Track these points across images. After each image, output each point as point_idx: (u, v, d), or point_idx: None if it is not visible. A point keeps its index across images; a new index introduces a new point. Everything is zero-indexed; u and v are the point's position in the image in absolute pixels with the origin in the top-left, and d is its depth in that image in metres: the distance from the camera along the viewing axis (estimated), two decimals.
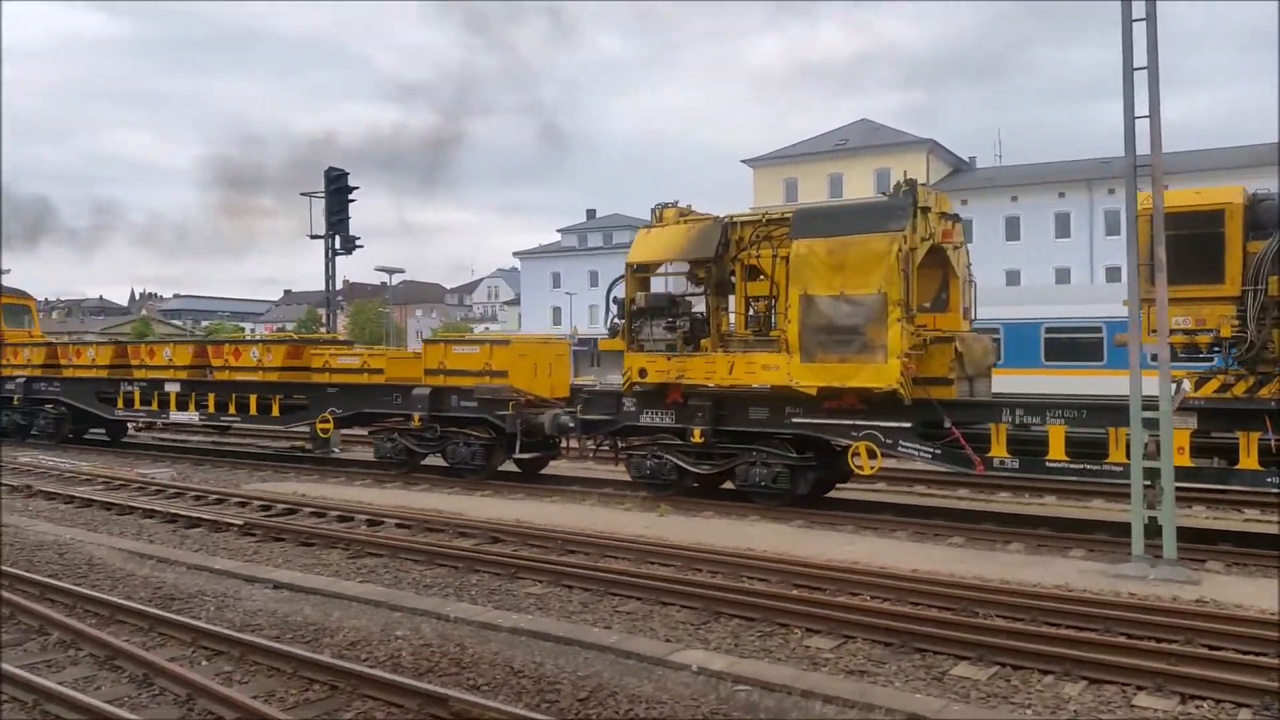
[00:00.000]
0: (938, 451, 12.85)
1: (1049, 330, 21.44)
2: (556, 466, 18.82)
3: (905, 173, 14.35)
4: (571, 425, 16.29)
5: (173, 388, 21.51)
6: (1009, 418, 12.39)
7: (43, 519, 13.84)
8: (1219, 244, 11.26)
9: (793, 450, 13.97)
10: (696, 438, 14.48)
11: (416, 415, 17.60)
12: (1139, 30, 9.99)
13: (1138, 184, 10.14)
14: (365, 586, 9.79)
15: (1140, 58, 10.03)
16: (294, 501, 14.68)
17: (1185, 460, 10.91)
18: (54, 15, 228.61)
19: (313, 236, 29.64)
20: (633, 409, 15.23)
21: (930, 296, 14.32)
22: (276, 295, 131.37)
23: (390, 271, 52.99)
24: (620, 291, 15.46)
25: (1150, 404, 10.04)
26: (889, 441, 13.11)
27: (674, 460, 14.82)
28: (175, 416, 21.68)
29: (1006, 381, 16.85)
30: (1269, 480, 10.86)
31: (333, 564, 10.93)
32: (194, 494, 15.75)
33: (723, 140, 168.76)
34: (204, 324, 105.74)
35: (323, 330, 45.00)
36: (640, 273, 15.27)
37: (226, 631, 7.81)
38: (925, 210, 13.15)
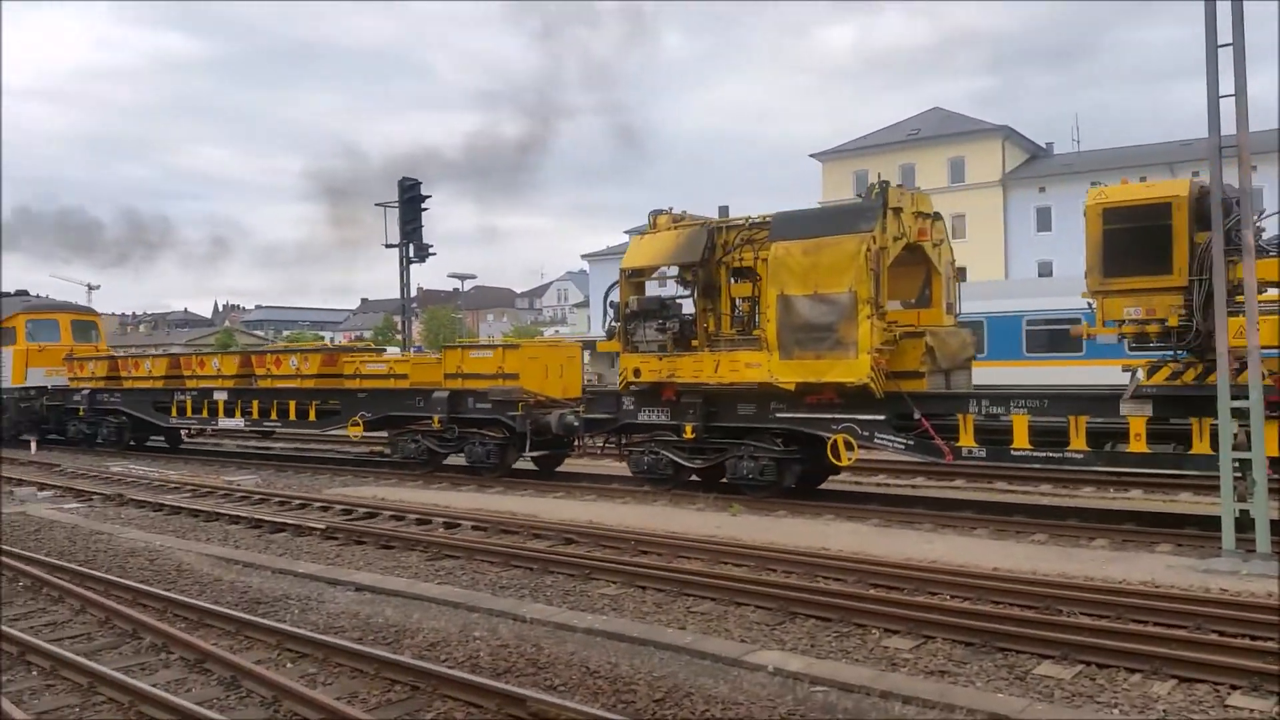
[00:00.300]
0: (910, 442, 13.31)
1: (1029, 323, 21.54)
2: (576, 464, 19.22)
3: (879, 175, 14.62)
4: (576, 424, 16.99)
5: (220, 396, 22.66)
6: (976, 409, 12.96)
7: (134, 526, 14.32)
8: (1167, 236, 11.46)
9: (779, 444, 14.51)
10: (688, 434, 15.17)
11: (436, 417, 18.45)
12: (1223, 6, 9.67)
13: (1222, 164, 9.83)
14: (443, 588, 9.94)
15: (1224, 34, 9.72)
16: (373, 505, 14.97)
17: (1141, 446, 11.65)
18: (142, 38, 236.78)
19: (388, 245, 30.20)
20: (631, 408, 15.95)
21: (915, 293, 14.96)
22: (354, 304, 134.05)
23: (462, 278, 53.70)
24: (616, 295, 16.09)
25: (1240, 394, 9.72)
26: (865, 434, 13.67)
27: (669, 456, 15.48)
28: (223, 423, 22.86)
29: (991, 373, 17.66)
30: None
31: (411, 566, 11.12)
32: (278, 500, 16.16)
33: (791, 134, 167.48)
34: (285, 333, 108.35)
35: (398, 336, 45.75)
36: (634, 277, 16.05)
37: (311, 634, 7.99)
38: (897, 211, 13.71)
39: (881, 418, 13.48)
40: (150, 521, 14.79)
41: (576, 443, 17.91)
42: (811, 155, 64.97)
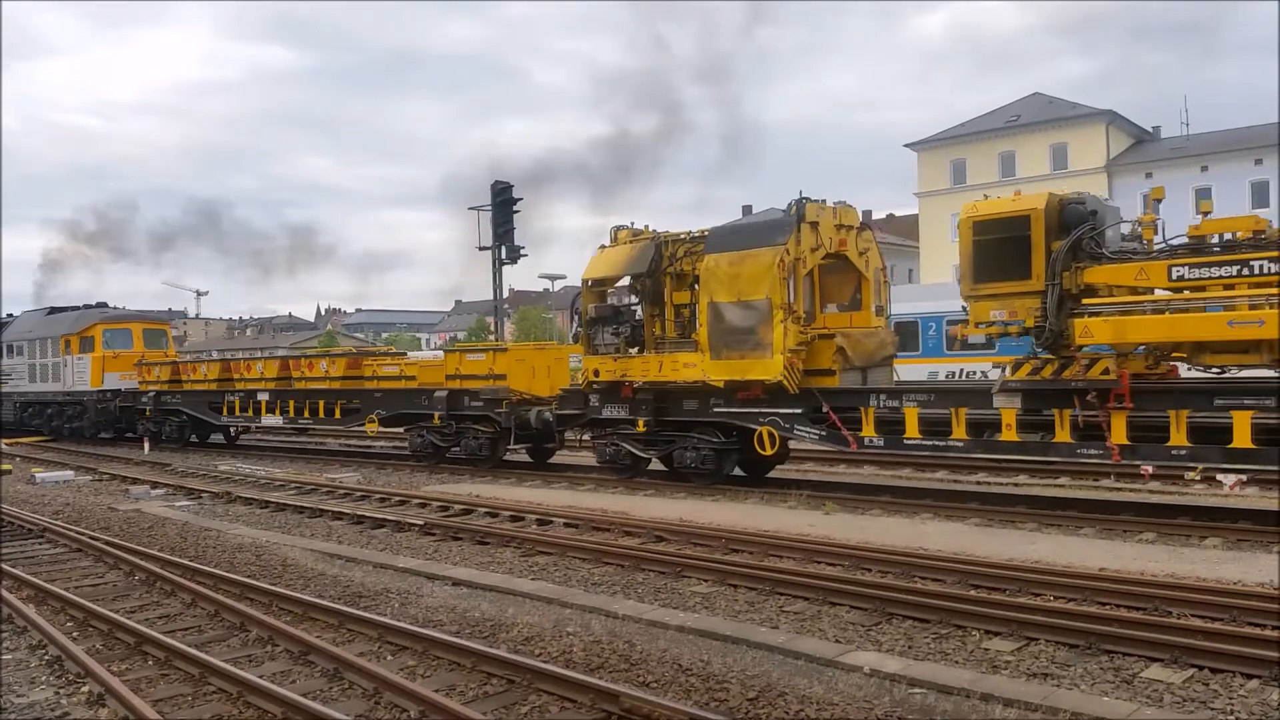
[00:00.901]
0: (823, 433, 14.78)
1: (949, 322, 21.99)
2: (571, 457, 20.97)
3: (829, 198, 15.78)
4: (551, 420, 18.55)
5: (263, 396, 25.05)
6: (876, 402, 14.38)
7: (241, 523, 14.86)
8: (1027, 245, 12.60)
9: (719, 436, 16.03)
10: (640, 427, 16.74)
11: (436, 414, 20.33)
12: None
13: None
14: (537, 584, 10.06)
15: None
16: (469, 502, 15.24)
17: (1012, 435, 13.02)
18: (245, 52, 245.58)
19: (480, 248, 30.68)
20: (596, 404, 17.56)
21: (847, 297, 16.54)
22: (449, 306, 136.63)
23: (553, 278, 54.30)
24: (580, 304, 17.79)
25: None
26: (786, 426, 15.21)
27: (628, 447, 17.06)
28: (265, 420, 25.33)
29: (919, 370, 20.25)
30: (1079, 452, 12.62)
31: (506, 562, 11.28)
32: (378, 496, 16.57)
33: (884, 124, 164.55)
34: (384, 335, 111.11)
35: (491, 338, 46.47)
36: (595, 287, 17.77)
37: (410, 627, 8.15)
38: (814, 225, 15.27)
39: (799, 411, 14.97)
40: (257, 518, 15.32)
41: (570, 436, 19.39)
42: (906, 145, 63.78)
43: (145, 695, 6.81)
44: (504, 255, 29.54)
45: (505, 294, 34.38)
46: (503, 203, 29.82)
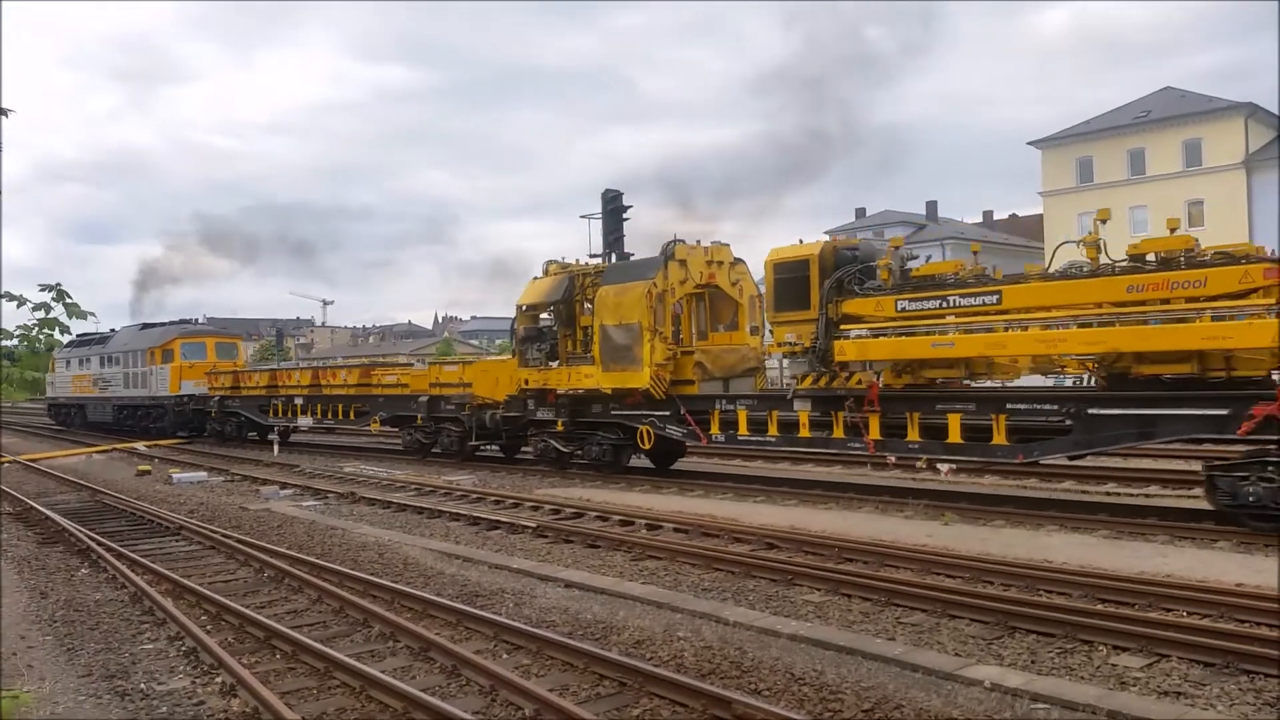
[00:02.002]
0: (685, 430, 18.03)
1: None
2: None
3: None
4: (500, 420, 22.13)
5: (298, 400, 29.71)
6: (719, 406, 17.64)
7: (365, 522, 15.34)
8: (806, 283, 16.00)
9: (619, 433, 19.41)
10: (559, 427, 20.34)
11: (419, 416, 24.41)
12: None
13: None
14: (647, 588, 10.09)
15: None
16: (579, 506, 15.40)
17: (805, 432, 16.28)
18: (367, 72, 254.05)
19: (591, 256, 30.97)
20: (533, 408, 21.02)
21: (727, 319, 19.80)
22: None
23: None
24: (516, 324, 21.80)
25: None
26: (660, 426, 18.46)
27: (554, 443, 20.58)
28: (300, 421, 29.84)
29: None
30: (850, 445, 15.62)
31: (616, 565, 11.36)
32: (493, 499, 16.90)
33: (1006, 122, 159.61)
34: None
35: None
36: (528, 311, 21.48)
37: (525, 627, 8.29)
38: (683, 262, 18.71)
39: (667, 413, 18.36)
40: (379, 518, 15.80)
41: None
42: (1030, 143, 61.80)
43: (274, 687, 7.09)
44: (614, 262, 29.76)
45: None
46: (613, 210, 30.08)
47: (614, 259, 30.50)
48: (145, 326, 37.79)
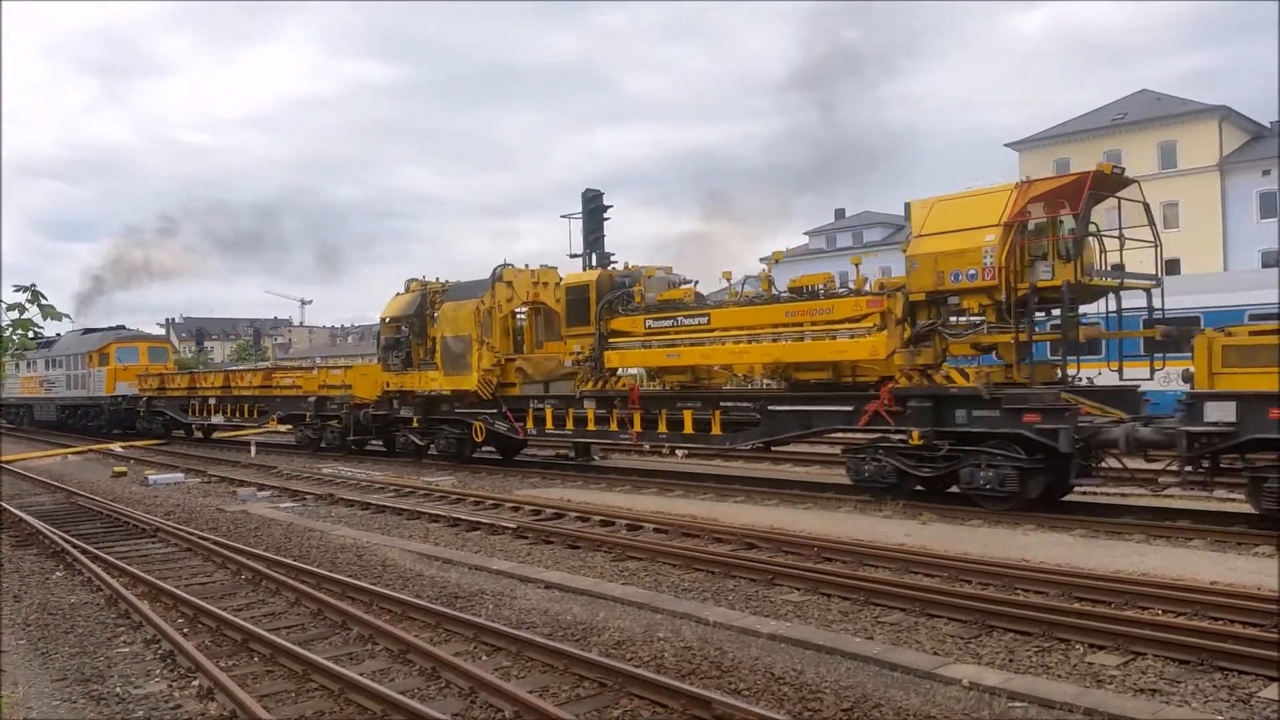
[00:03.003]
0: (508, 425, 21.29)
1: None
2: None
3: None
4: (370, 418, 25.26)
5: (212, 401, 33.06)
6: (532, 405, 20.97)
7: (343, 524, 15.26)
8: (587, 304, 19.66)
9: (464, 429, 22.62)
10: (415, 423, 23.82)
11: (307, 415, 27.87)
12: None
13: None
14: (627, 589, 10.10)
15: None
16: (560, 506, 15.38)
17: (592, 425, 19.70)
18: (346, 67, 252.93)
19: (571, 255, 31.01)
20: (397, 406, 24.39)
21: (556, 332, 21.85)
22: None
23: None
24: (380, 334, 25.44)
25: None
26: (492, 423, 21.73)
27: (412, 438, 23.99)
28: (214, 419, 33.24)
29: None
30: (620, 436, 19.26)
31: (597, 566, 11.35)
32: (472, 500, 16.85)
33: (983, 124, 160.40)
34: None
35: None
36: (390, 323, 24.72)
37: (504, 628, 8.27)
38: (510, 283, 22.04)
39: (495, 411, 21.71)
40: (358, 519, 15.73)
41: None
42: (1007, 145, 62.24)
43: (252, 690, 7.04)
44: (594, 262, 29.81)
45: None
46: (593, 210, 30.10)
47: (594, 258, 30.62)
48: (87, 331, 40.42)
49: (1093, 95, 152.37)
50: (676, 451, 21.38)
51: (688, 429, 17.84)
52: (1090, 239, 14.33)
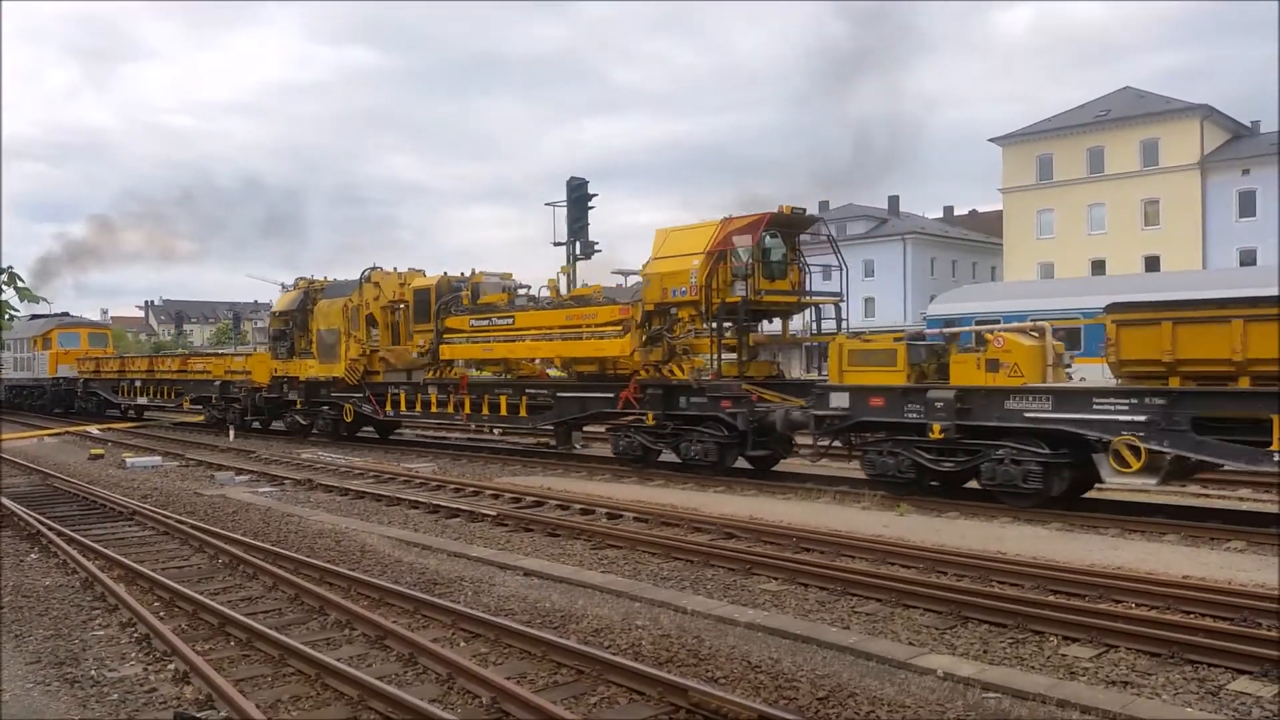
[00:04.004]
0: (373, 408, 24.64)
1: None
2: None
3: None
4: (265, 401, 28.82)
5: (138, 383, 35.50)
6: (395, 391, 24.12)
7: (322, 509, 15.22)
8: (429, 304, 23.32)
9: (338, 411, 26.01)
10: (298, 405, 27.22)
11: (213, 397, 30.91)
12: None
13: None
14: (607, 577, 10.12)
15: None
16: (541, 495, 15.38)
17: (434, 409, 23.15)
18: (332, 54, 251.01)
19: (555, 244, 30.92)
20: (286, 390, 27.57)
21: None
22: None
23: (625, 274, 54.39)
24: (269, 326, 28.97)
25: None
26: (361, 405, 25.06)
27: (296, 418, 27.57)
28: (139, 400, 35.82)
29: None
30: (455, 418, 22.93)
31: (576, 554, 11.37)
32: (453, 487, 16.84)
33: (968, 119, 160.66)
34: None
35: None
36: (279, 316, 27.90)
37: (483, 615, 8.28)
38: (377, 284, 24.98)
39: (361, 395, 25.08)
40: (337, 505, 15.68)
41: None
42: (991, 140, 62.51)
43: (228, 674, 7.03)
44: (578, 251, 29.76)
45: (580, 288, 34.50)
46: (578, 199, 30.01)
47: (579, 247, 30.54)
48: (35, 317, 42.26)
49: (1076, 92, 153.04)
50: (495, 430, 25.50)
51: (503, 411, 21.33)
52: (798, 264, 18.65)
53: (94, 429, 31.60)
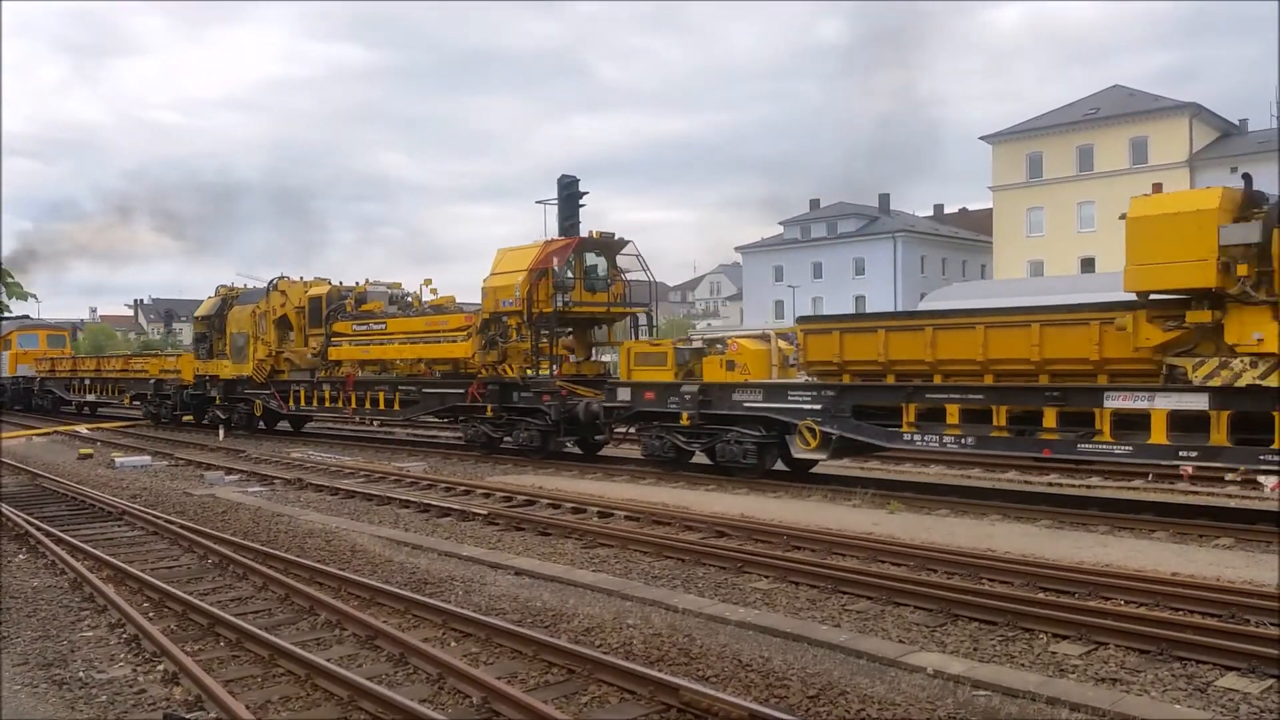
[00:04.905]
0: (278, 403, 27.39)
1: None
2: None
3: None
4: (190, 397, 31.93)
5: (87, 381, 38.70)
6: (293, 388, 27.05)
7: (312, 509, 15.17)
8: (321, 311, 26.59)
9: (249, 405, 29.02)
10: (217, 401, 30.07)
11: (148, 394, 33.96)
12: None
13: None
14: (598, 575, 10.12)
15: None
16: (532, 494, 15.37)
17: (328, 404, 26.23)
18: (323, 50, 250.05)
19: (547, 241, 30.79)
20: (209, 388, 30.34)
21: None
22: None
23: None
24: (194, 329, 32.07)
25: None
26: (269, 401, 27.82)
27: (217, 413, 30.17)
28: (88, 397, 38.97)
29: None
30: (342, 411, 25.93)
31: (568, 553, 11.36)
32: (443, 485, 16.81)
33: (958, 117, 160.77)
34: None
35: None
36: (201, 320, 30.67)
37: (474, 615, 8.26)
38: (283, 292, 27.66)
39: (269, 392, 27.70)
40: (327, 505, 15.64)
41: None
42: (981, 138, 62.64)
43: (217, 675, 7.00)
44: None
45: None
46: (569, 196, 29.94)
47: None
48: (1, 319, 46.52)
49: (1066, 90, 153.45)
50: (374, 422, 28.56)
51: (381, 406, 24.30)
52: (620, 278, 21.61)
53: (83, 428, 31.48)
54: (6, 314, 45.08)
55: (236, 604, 9.20)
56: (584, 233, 21.29)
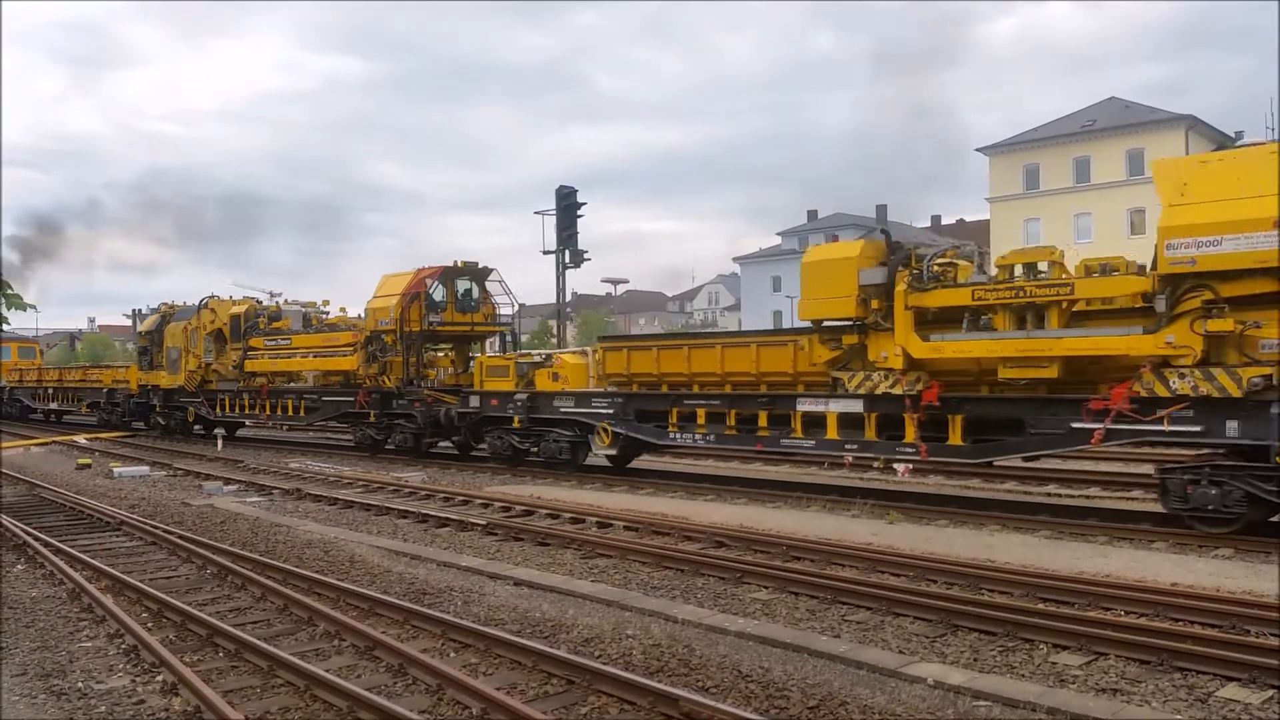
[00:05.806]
0: (209, 410, 29.88)
1: None
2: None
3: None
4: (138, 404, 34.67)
5: (50, 390, 41.80)
6: (219, 396, 29.58)
7: (310, 519, 15.15)
8: (240, 329, 28.95)
9: (186, 412, 31.52)
10: (158, 408, 32.69)
11: (102, 401, 36.68)
12: None
13: None
14: (597, 586, 10.10)
15: None
16: (530, 504, 15.35)
17: (252, 411, 28.47)
18: (319, 62, 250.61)
19: (545, 252, 30.95)
20: (151, 395, 32.91)
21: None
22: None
23: (615, 282, 54.49)
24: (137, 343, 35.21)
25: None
26: (201, 408, 30.20)
27: (158, 419, 32.78)
28: (51, 405, 41.82)
29: None
30: (259, 417, 28.32)
31: (567, 563, 11.35)
32: (442, 496, 16.78)
33: (954, 129, 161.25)
34: None
35: (553, 341, 47.79)
36: (145, 335, 33.38)
37: (473, 625, 8.25)
38: (213, 310, 29.86)
39: (200, 400, 30.26)
40: (326, 515, 15.61)
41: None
42: (978, 149, 62.82)
43: (216, 686, 6.99)
44: (568, 259, 29.82)
45: (569, 297, 34.57)
46: (566, 208, 30.08)
47: (568, 254, 30.63)
48: None
49: (1063, 102, 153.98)
50: (284, 427, 29.86)
51: (290, 412, 26.84)
52: (491, 302, 24.95)
53: (81, 438, 31.45)
54: (6, 325, 45.77)
55: (235, 614, 9.19)
56: (451, 263, 24.44)
